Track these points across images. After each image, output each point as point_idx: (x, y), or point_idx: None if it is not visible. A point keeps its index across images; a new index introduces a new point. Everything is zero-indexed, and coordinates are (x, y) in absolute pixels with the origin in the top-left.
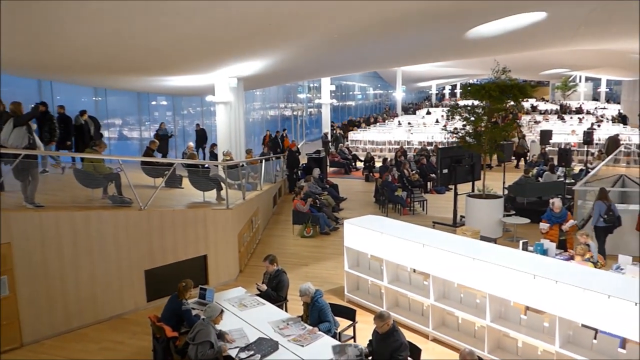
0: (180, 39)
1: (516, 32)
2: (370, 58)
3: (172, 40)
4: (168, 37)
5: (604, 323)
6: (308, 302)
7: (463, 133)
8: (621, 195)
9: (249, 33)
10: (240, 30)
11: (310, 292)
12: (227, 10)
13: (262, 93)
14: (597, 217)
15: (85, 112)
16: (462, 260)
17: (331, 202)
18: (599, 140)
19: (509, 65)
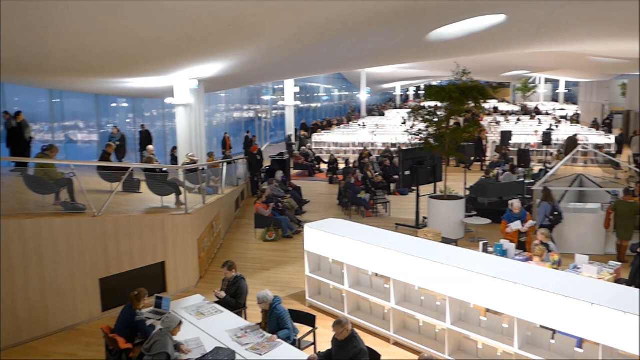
0: (137, 41)
1: (476, 35)
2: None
3: (128, 42)
4: (124, 38)
5: (561, 324)
6: (267, 310)
7: (425, 135)
8: (579, 194)
9: (207, 34)
10: (198, 32)
11: (269, 299)
12: (185, 10)
13: (226, 95)
14: (542, 218)
15: (21, 113)
16: (422, 263)
17: (294, 205)
18: (557, 140)
19: (470, 67)
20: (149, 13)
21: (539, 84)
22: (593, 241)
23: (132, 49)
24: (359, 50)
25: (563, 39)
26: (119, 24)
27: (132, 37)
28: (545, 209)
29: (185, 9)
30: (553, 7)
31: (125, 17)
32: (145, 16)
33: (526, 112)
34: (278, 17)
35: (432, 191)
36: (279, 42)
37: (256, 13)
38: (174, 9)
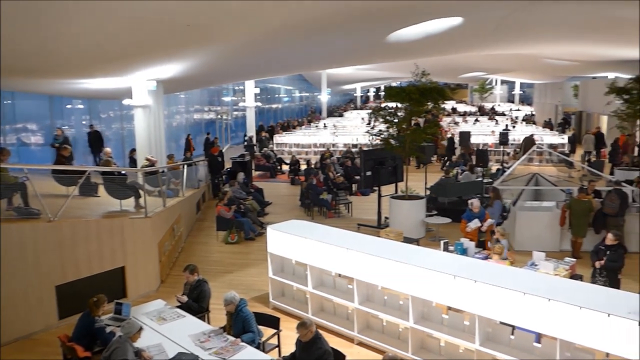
0: (93, 41)
1: (435, 37)
2: (294, 60)
3: (83, 42)
4: (79, 39)
5: (520, 319)
6: (232, 312)
7: (386, 135)
8: (535, 193)
9: (165, 35)
10: (156, 32)
11: (236, 301)
12: (142, 10)
13: (185, 96)
14: (497, 216)
15: None
16: (385, 263)
17: (256, 206)
18: (514, 140)
19: (429, 69)
20: (105, 13)
21: (495, 85)
22: (549, 238)
23: (87, 50)
24: (320, 52)
25: (518, 41)
26: (74, 24)
27: (88, 37)
28: (498, 208)
29: (142, 8)
30: (508, 10)
31: (79, 17)
32: (100, 16)
33: (483, 112)
34: (237, 19)
35: (393, 191)
36: (239, 43)
37: (215, 15)
38: (131, 9)
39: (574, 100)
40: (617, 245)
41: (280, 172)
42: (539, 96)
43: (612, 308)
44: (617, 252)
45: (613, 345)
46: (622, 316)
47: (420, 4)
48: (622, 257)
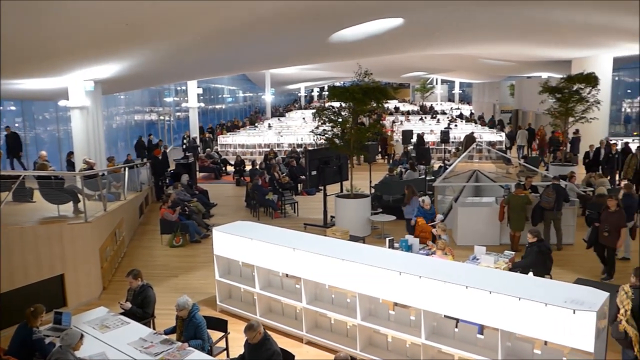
0: (26, 39)
1: (377, 37)
2: (236, 61)
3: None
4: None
5: (464, 312)
6: (184, 317)
7: (330, 135)
8: (475, 189)
9: (103, 34)
10: (93, 31)
11: (188, 306)
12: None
13: (125, 97)
14: (416, 212)
15: None
16: (332, 262)
17: (201, 208)
18: (454, 138)
19: (372, 69)
20: (38, 10)
21: (436, 84)
22: (489, 233)
23: (19, 48)
24: (263, 52)
25: (456, 42)
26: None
27: (20, 35)
28: (416, 205)
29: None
30: (447, 12)
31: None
32: (34, 13)
33: (425, 111)
34: (176, 19)
35: (338, 190)
36: (179, 43)
37: (152, 14)
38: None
39: (511, 99)
40: (533, 243)
41: (225, 173)
42: (477, 95)
43: (549, 298)
44: (530, 250)
45: (551, 334)
46: (558, 305)
47: (360, 4)
48: (535, 255)
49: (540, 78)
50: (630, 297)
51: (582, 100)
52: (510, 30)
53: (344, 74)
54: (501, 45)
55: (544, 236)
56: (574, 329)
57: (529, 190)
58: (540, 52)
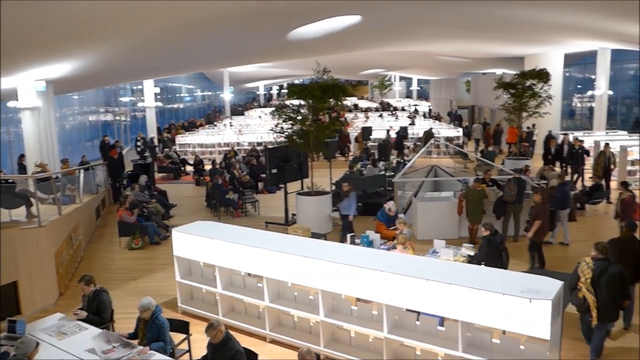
0: None
1: (335, 35)
2: (193, 59)
3: None
4: None
5: (425, 305)
6: (147, 319)
7: (290, 132)
8: (434, 184)
9: (53, 32)
10: (43, 29)
11: (151, 308)
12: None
13: (79, 97)
14: (354, 207)
15: None
16: (294, 260)
17: (160, 209)
18: (413, 134)
19: (330, 66)
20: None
21: (394, 81)
22: (448, 226)
23: None
24: (220, 50)
25: (413, 39)
26: None
27: None
28: (354, 199)
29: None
30: (404, 9)
31: None
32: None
33: (384, 108)
34: (131, 17)
35: (299, 188)
36: (134, 42)
37: (107, 12)
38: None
39: (467, 95)
40: (485, 237)
41: (184, 173)
42: (434, 91)
43: (506, 288)
44: (482, 244)
45: (509, 323)
46: (515, 295)
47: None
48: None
49: (495, 74)
50: (590, 267)
51: (535, 96)
52: (466, 28)
53: (302, 72)
54: (457, 42)
55: (503, 229)
56: (530, 318)
57: (486, 184)
58: (495, 49)
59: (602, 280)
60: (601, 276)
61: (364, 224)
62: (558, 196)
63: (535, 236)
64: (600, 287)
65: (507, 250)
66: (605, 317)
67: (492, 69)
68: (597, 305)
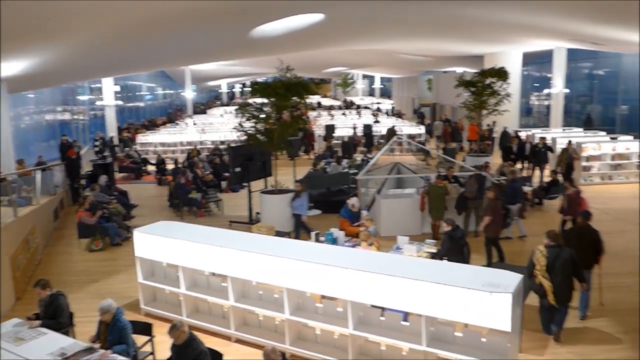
0: None
1: (298, 32)
2: (152, 57)
3: None
4: None
5: (389, 301)
6: (108, 322)
7: (253, 131)
8: (397, 181)
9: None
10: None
11: (112, 310)
12: None
13: (35, 96)
14: (306, 206)
15: None
16: (258, 258)
17: (121, 210)
18: (376, 132)
19: (293, 64)
20: None
21: (357, 79)
22: (411, 223)
23: None
24: (181, 48)
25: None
26: None
27: None
28: (306, 199)
29: None
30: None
31: None
32: None
33: (347, 106)
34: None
35: (263, 186)
36: (93, 39)
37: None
38: None
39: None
40: (447, 232)
41: (145, 173)
42: (397, 89)
43: (468, 282)
44: (444, 239)
45: (470, 316)
46: (477, 289)
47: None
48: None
49: (456, 72)
50: (544, 254)
51: (495, 94)
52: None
53: (265, 70)
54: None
55: (465, 224)
56: (491, 311)
57: (448, 181)
58: (456, 47)
59: (556, 265)
60: (555, 262)
61: (328, 221)
62: (507, 192)
63: (488, 232)
64: (555, 272)
65: (468, 245)
66: (561, 299)
67: (453, 68)
68: (553, 290)
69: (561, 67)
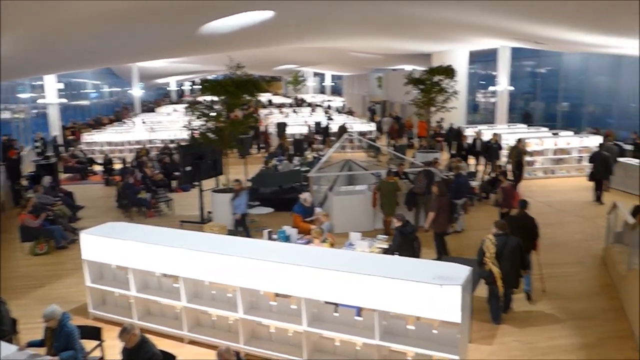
0: None
1: (248, 29)
2: (98, 53)
3: None
4: None
5: (342, 297)
6: (54, 328)
7: (204, 129)
8: (349, 178)
9: None
10: None
11: (57, 315)
12: None
13: None
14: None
15: None
16: (210, 258)
17: (66, 212)
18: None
19: (244, 62)
20: None
21: (308, 77)
22: (363, 219)
23: None
24: (127, 45)
25: (326, 35)
26: None
27: None
28: (245, 197)
29: None
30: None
31: None
32: None
33: (298, 104)
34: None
35: (214, 185)
36: (34, 35)
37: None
38: None
39: (379, 91)
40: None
41: (92, 173)
42: (348, 87)
43: (419, 276)
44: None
45: (422, 309)
46: (427, 282)
47: None
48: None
49: (405, 70)
50: (493, 243)
51: (442, 91)
52: (377, 25)
53: (216, 67)
54: (369, 39)
55: (415, 219)
56: (442, 303)
57: (398, 177)
58: (404, 45)
59: (505, 253)
60: (503, 250)
61: (281, 219)
62: (452, 187)
63: (435, 227)
64: (504, 259)
65: (418, 240)
66: (509, 284)
67: (402, 65)
68: (502, 276)
69: (505, 66)
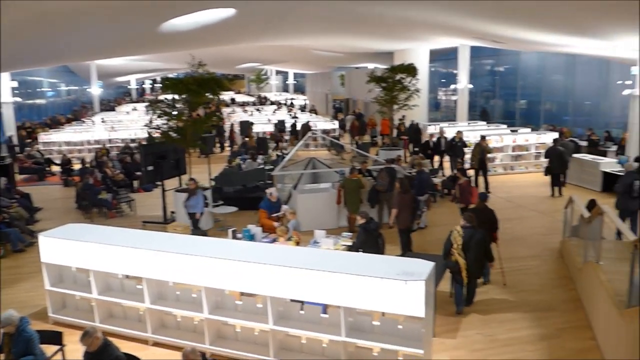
0: None
1: (209, 27)
2: (55, 51)
3: None
4: None
5: (308, 294)
6: (12, 333)
7: (166, 128)
8: (313, 176)
9: None
10: None
11: (14, 321)
12: None
13: None
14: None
15: None
16: (174, 258)
17: (23, 214)
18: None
19: (205, 60)
20: None
21: (270, 75)
22: (328, 217)
23: None
24: (84, 42)
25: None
26: None
27: None
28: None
29: None
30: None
31: None
32: None
33: (261, 102)
34: None
35: (177, 185)
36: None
37: None
38: None
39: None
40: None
41: (49, 174)
42: (311, 85)
43: (383, 272)
44: (359, 232)
45: (387, 305)
46: (392, 278)
47: None
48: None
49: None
50: (461, 234)
51: (404, 89)
52: (338, 23)
53: (177, 65)
54: (330, 37)
55: (379, 216)
56: (406, 298)
57: (362, 174)
58: (366, 44)
59: (471, 244)
60: (470, 241)
61: (245, 218)
62: (415, 183)
63: (399, 223)
64: (470, 251)
65: (382, 237)
66: (473, 275)
67: (364, 64)
68: (467, 267)
69: (465, 64)
